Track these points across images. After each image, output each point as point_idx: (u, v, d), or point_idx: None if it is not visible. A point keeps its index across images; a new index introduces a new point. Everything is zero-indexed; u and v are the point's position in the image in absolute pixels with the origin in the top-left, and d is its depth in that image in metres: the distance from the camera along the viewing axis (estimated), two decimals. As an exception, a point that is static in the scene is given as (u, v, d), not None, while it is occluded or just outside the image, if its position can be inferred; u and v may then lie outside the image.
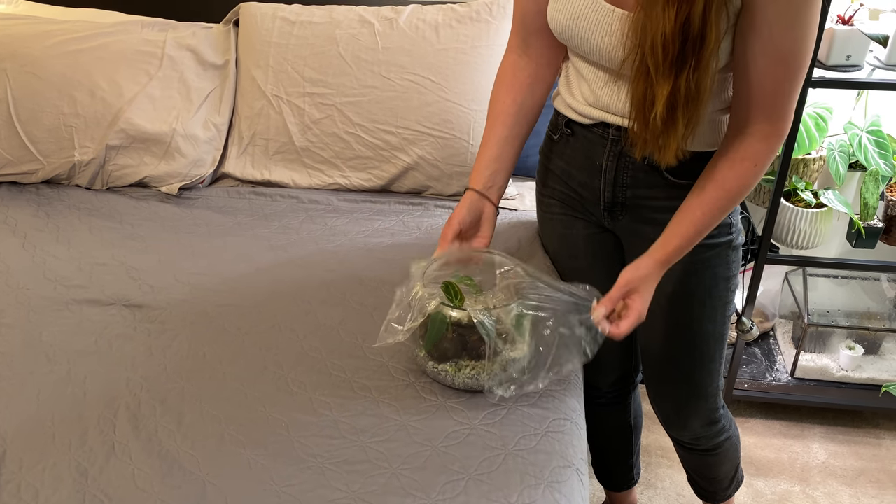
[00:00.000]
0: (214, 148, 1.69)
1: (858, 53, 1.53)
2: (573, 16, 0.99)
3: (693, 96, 0.90)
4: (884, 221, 1.74)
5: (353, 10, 1.70)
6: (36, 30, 1.71)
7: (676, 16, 0.84)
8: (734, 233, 1.15)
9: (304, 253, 1.44)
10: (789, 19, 0.88)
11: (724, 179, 0.99)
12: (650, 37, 0.87)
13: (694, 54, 0.87)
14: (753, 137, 0.97)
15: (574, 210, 1.23)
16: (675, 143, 0.94)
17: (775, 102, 0.95)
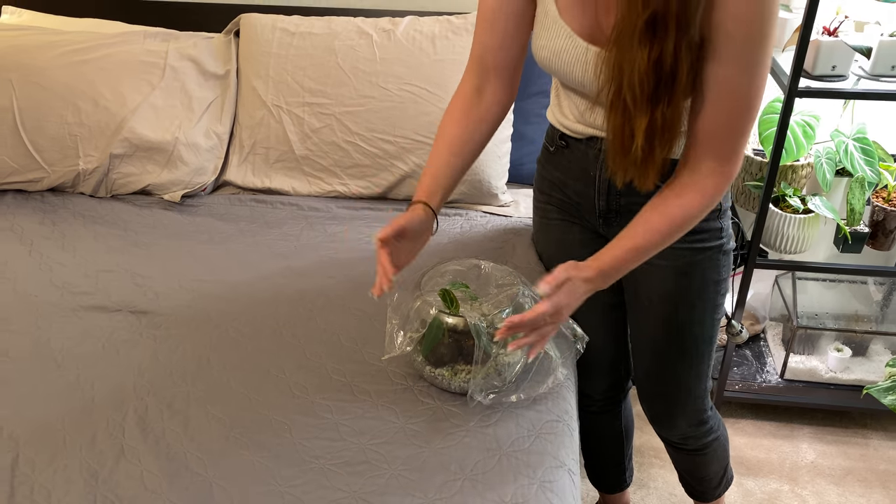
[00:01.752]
0: (216, 156, 1.73)
1: (843, 64, 1.58)
2: (555, 52, 1.04)
3: (668, 127, 0.94)
4: (870, 227, 1.79)
5: (351, 21, 1.74)
6: (41, 40, 1.74)
7: (649, 55, 0.89)
8: (724, 238, 1.19)
9: (304, 260, 1.48)
10: (744, 62, 0.92)
11: (669, 210, 1.02)
12: (627, 75, 0.92)
13: (667, 90, 0.92)
14: (701, 174, 1.00)
15: (570, 216, 1.27)
16: (654, 171, 0.99)
17: (725, 141, 0.98)
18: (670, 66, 0.90)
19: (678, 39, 0.89)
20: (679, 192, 1.02)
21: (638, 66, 0.90)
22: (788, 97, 1.55)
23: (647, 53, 0.89)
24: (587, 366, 1.34)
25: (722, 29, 0.91)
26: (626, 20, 0.89)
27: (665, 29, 0.88)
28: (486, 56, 1.12)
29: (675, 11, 0.87)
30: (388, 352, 1.12)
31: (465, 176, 1.63)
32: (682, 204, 1.02)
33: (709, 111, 0.97)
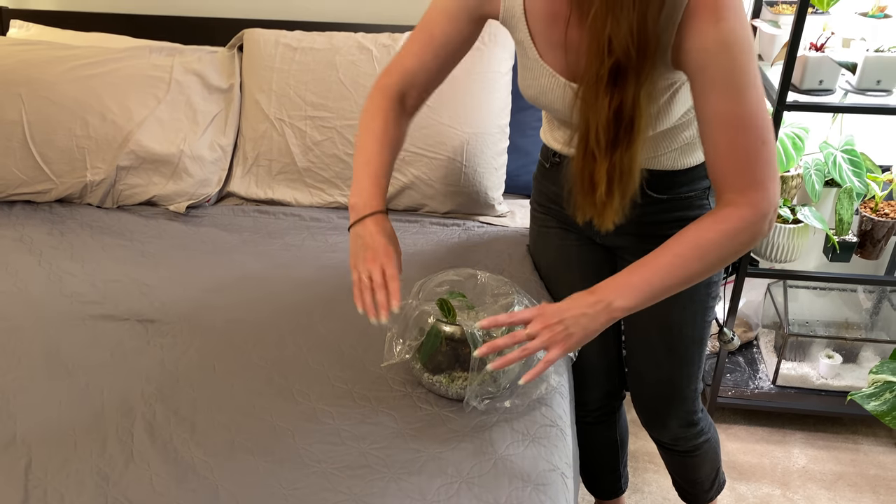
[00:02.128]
0: (220, 168, 1.77)
1: (830, 78, 1.62)
2: (541, 90, 1.10)
3: (626, 172, 0.97)
4: (858, 236, 1.83)
5: (352, 37, 1.78)
6: (50, 55, 1.79)
7: (610, 104, 0.93)
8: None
9: (305, 269, 1.52)
10: (727, 91, 0.93)
11: (690, 236, 0.99)
12: (592, 123, 0.96)
13: (626, 136, 0.95)
14: (725, 205, 0.98)
15: (568, 226, 1.32)
16: (612, 214, 1.02)
17: (739, 168, 0.95)
18: (629, 115, 0.94)
19: (637, 89, 0.92)
20: (704, 224, 0.99)
21: (600, 115, 0.94)
22: (777, 111, 1.60)
23: (608, 102, 0.93)
24: (582, 376, 1.38)
25: (694, 63, 0.94)
26: (591, 70, 0.93)
27: (625, 79, 0.91)
28: (418, 77, 1.15)
29: (634, 62, 0.90)
30: (387, 359, 1.16)
31: (462, 187, 1.69)
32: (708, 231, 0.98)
33: (711, 144, 0.97)
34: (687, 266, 0.99)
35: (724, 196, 0.98)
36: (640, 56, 0.90)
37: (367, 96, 1.20)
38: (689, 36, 0.93)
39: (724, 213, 0.98)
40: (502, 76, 1.73)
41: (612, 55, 0.90)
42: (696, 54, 0.93)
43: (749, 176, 0.96)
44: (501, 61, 1.74)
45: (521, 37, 1.09)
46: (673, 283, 1.00)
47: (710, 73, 0.93)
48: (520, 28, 1.08)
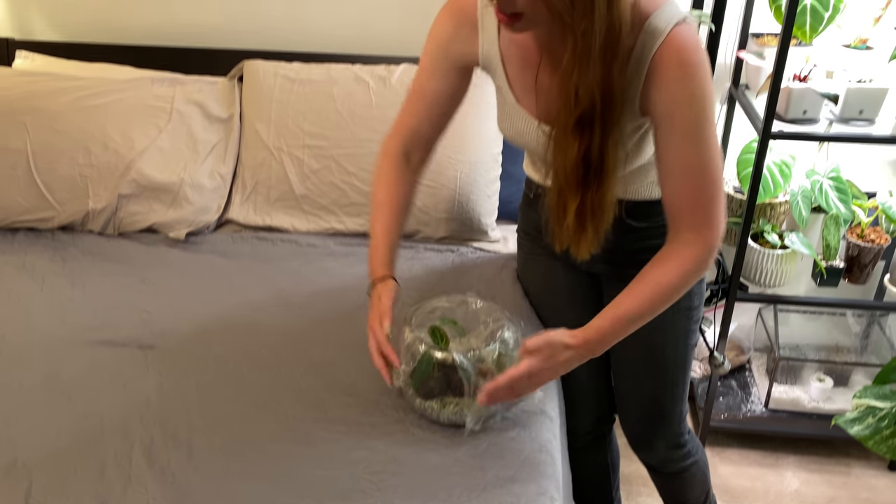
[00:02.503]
0: (219, 196, 1.81)
1: (814, 108, 1.67)
2: (518, 132, 1.16)
3: (598, 209, 1.03)
4: (845, 262, 1.86)
5: (349, 68, 1.83)
6: (54, 86, 1.84)
7: (578, 148, 0.98)
8: (696, 297, 1.29)
9: (302, 295, 1.55)
10: (688, 138, 1.00)
11: (652, 279, 1.08)
12: (561, 163, 1.01)
13: (596, 178, 1.01)
14: (681, 243, 1.07)
15: (551, 252, 1.35)
16: (587, 245, 1.07)
17: (693, 212, 1.04)
18: (597, 159, 0.99)
19: (603, 136, 0.98)
20: (660, 262, 1.08)
21: (569, 157, 0.99)
22: (762, 140, 1.64)
23: (576, 147, 0.98)
24: (572, 400, 1.41)
25: (661, 112, 1.00)
26: (561, 117, 0.99)
27: (592, 127, 0.97)
28: (420, 131, 1.24)
29: (600, 112, 0.96)
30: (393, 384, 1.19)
31: (456, 214, 1.73)
32: (663, 273, 1.07)
33: (670, 186, 1.05)
34: (652, 308, 1.09)
35: (681, 233, 1.06)
36: (605, 106, 0.96)
37: (376, 161, 1.28)
38: (655, 88, 0.99)
39: (682, 254, 1.06)
40: (494, 107, 1.77)
41: (578, 105, 0.96)
42: (662, 105, 0.99)
43: (704, 217, 1.04)
44: (494, 92, 1.78)
45: (500, 82, 1.14)
46: (640, 322, 1.11)
47: (674, 123, 1.00)
48: (498, 74, 1.14)
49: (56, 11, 2.14)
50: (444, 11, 1.17)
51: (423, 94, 1.21)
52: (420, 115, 1.23)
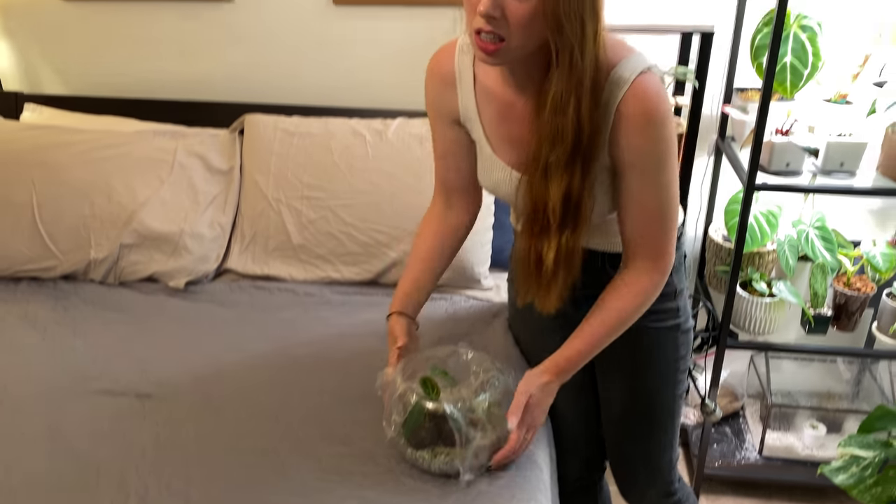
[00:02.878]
0: (219, 245, 1.85)
1: (796, 161, 1.72)
2: (496, 182, 1.20)
3: (570, 252, 1.08)
4: (833, 310, 1.89)
5: (346, 122, 1.89)
6: (61, 139, 1.90)
7: (561, 186, 1.03)
8: (681, 318, 1.31)
9: (298, 344, 1.58)
10: (648, 180, 1.07)
11: (609, 303, 1.16)
12: (537, 205, 1.06)
13: (573, 220, 1.06)
14: (637, 271, 1.15)
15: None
16: (556, 293, 1.12)
17: (650, 244, 1.13)
18: (577, 198, 1.04)
19: (582, 175, 1.03)
20: (618, 291, 1.16)
21: (551, 196, 1.04)
22: (747, 191, 1.69)
23: (557, 186, 1.03)
24: (562, 449, 1.43)
25: (625, 157, 1.06)
26: (541, 158, 1.04)
27: (573, 166, 1.02)
28: (448, 180, 1.31)
29: (581, 153, 1.01)
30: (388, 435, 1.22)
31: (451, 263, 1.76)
32: (622, 302, 1.16)
33: (629, 221, 1.12)
34: (612, 333, 1.18)
35: (636, 262, 1.15)
36: (586, 144, 1.01)
37: None
38: (621, 135, 1.04)
39: (639, 282, 1.15)
40: (488, 158, 1.83)
41: (562, 144, 1.01)
42: (626, 152, 1.05)
43: (659, 247, 1.13)
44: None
45: (477, 135, 1.20)
46: (603, 345, 1.19)
47: (637, 168, 1.07)
48: (475, 128, 1.19)
49: (64, 66, 2.22)
50: (427, 72, 1.25)
51: (437, 150, 1.30)
52: (441, 169, 1.31)
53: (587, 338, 1.17)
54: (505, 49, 0.97)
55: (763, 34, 1.71)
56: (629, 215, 1.12)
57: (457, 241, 1.36)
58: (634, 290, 1.15)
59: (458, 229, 1.35)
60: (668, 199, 1.10)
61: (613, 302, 1.17)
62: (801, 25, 1.68)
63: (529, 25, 0.94)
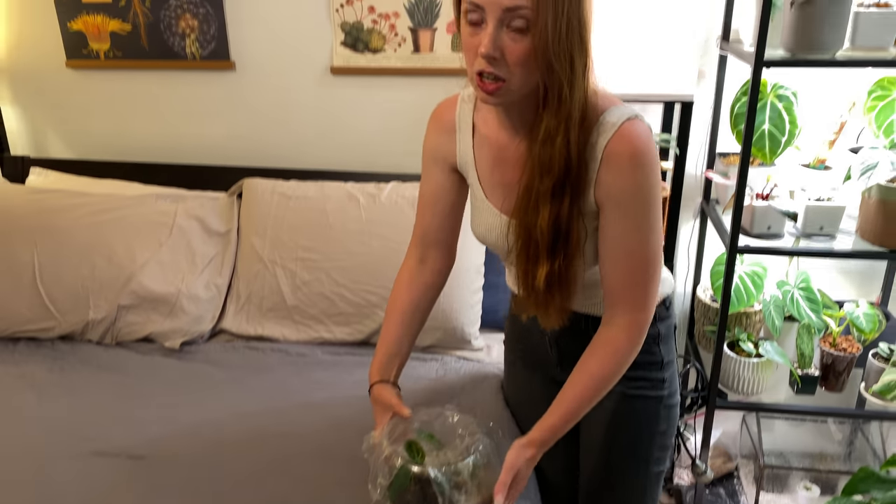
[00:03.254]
0: (214, 306, 1.89)
1: (777, 224, 1.76)
2: (487, 228, 1.23)
3: (565, 278, 1.10)
4: (821, 370, 1.91)
5: (342, 186, 1.95)
6: (64, 203, 1.95)
7: (550, 213, 1.07)
8: (666, 390, 1.28)
9: (290, 405, 1.59)
10: (631, 223, 1.08)
11: (588, 365, 1.15)
12: (532, 230, 1.09)
13: (564, 246, 1.09)
14: (616, 327, 1.13)
15: (532, 366, 1.41)
16: (555, 313, 1.15)
17: (632, 293, 1.12)
18: (566, 225, 1.07)
19: (571, 205, 1.07)
20: (597, 352, 1.15)
21: (540, 224, 1.07)
22: (730, 254, 1.73)
23: (547, 213, 1.07)
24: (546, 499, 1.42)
25: (610, 199, 1.08)
26: (531, 189, 1.07)
27: (562, 194, 1.06)
28: (428, 233, 1.32)
29: (571, 183, 1.05)
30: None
31: (441, 323, 1.80)
32: (600, 364, 1.14)
33: (610, 268, 1.12)
34: (593, 397, 1.16)
35: (616, 317, 1.13)
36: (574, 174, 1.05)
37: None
38: (608, 177, 1.06)
39: (618, 340, 1.14)
40: (478, 221, 1.88)
41: (550, 173, 1.05)
42: (611, 194, 1.07)
43: (640, 298, 1.12)
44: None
45: (472, 180, 1.24)
46: (586, 409, 1.17)
47: (620, 210, 1.08)
48: (470, 173, 1.23)
49: (69, 130, 2.30)
50: (429, 120, 1.30)
51: (424, 198, 1.31)
52: (425, 217, 1.32)
53: (568, 404, 1.16)
54: (505, 89, 1.02)
55: (741, 103, 1.78)
56: (610, 259, 1.11)
57: (428, 302, 1.36)
58: (611, 348, 1.14)
59: (430, 288, 1.35)
60: (649, 246, 1.09)
61: (591, 364, 1.15)
62: (778, 95, 1.75)
63: (526, 64, 0.99)
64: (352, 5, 2.00)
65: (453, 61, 2.01)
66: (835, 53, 1.60)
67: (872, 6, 1.60)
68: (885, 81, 1.71)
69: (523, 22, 0.96)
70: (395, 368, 1.31)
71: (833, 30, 1.58)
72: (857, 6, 1.60)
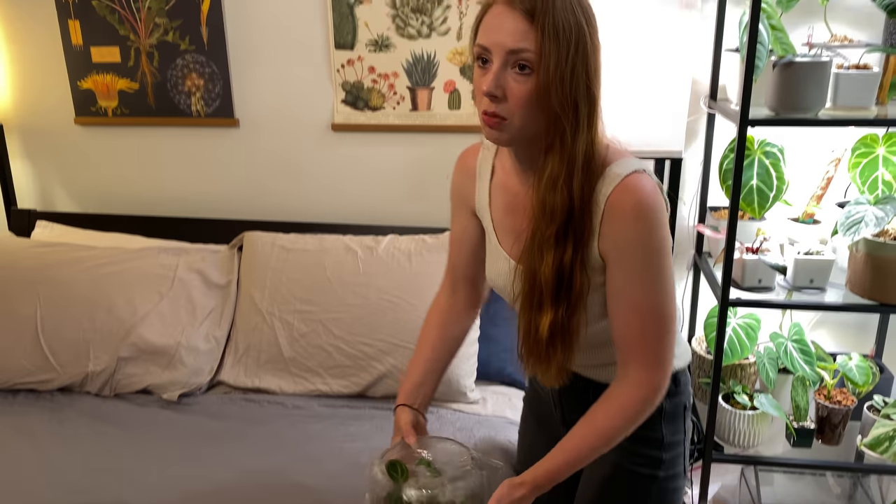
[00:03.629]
0: (213, 358, 1.91)
1: (768, 277, 1.79)
2: (498, 273, 1.23)
3: (567, 329, 1.09)
4: (816, 423, 1.91)
5: (340, 239, 1.99)
6: (68, 256, 2.00)
7: (553, 259, 1.07)
8: (663, 471, 1.21)
9: (286, 458, 1.60)
10: (637, 276, 1.05)
11: (594, 417, 1.10)
12: (537, 278, 1.09)
13: (567, 294, 1.08)
14: (628, 384, 1.09)
15: (541, 425, 1.40)
16: (556, 369, 1.13)
17: (644, 351, 1.07)
18: (569, 273, 1.07)
19: (574, 252, 1.06)
20: (606, 409, 1.10)
21: (544, 269, 1.07)
22: (722, 307, 1.75)
23: (550, 258, 1.07)
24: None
25: (614, 251, 1.06)
26: (536, 234, 1.08)
27: (565, 240, 1.06)
28: (457, 268, 1.35)
29: (574, 230, 1.06)
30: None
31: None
32: (608, 418, 1.09)
33: (620, 324, 1.08)
34: (595, 450, 1.11)
35: (629, 374, 1.10)
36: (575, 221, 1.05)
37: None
38: (610, 227, 1.04)
39: (630, 396, 1.09)
40: (473, 274, 1.92)
41: (553, 219, 1.05)
42: (615, 245, 1.05)
43: (653, 356, 1.08)
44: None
45: (487, 224, 1.26)
46: (587, 461, 1.13)
47: (625, 262, 1.05)
48: (486, 217, 1.25)
49: (75, 184, 2.36)
50: (455, 165, 1.33)
51: (452, 235, 1.35)
52: (453, 254, 1.35)
53: (568, 453, 1.12)
54: (508, 126, 1.03)
55: (729, 160, 1.83)
56: (618, 315, 1.08)
57: (461, 332, 1.37)
58: (619, 403, 1.09)
59: (462, 319, 1.36)
60: (660, 299, 1.06)
61: (597, 416, 1.11)
62: (765, 151, 1.80)
63: (528, 105, 1.00)
64: (353, 66, 2.07)
65: (449, 119, 2.07)
66: (817, 112, 1.66)
67: (852, 68, 1.66)
68: (867, 139, 1.76)
69: (527, 64, 0.98)
70: (420, 397, 1.30)
71: (815, 90, 1.64)
72: (837, 68, 1.66)
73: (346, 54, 2.06)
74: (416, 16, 2.00)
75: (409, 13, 2.00)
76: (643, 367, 1.09)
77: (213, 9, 2.09)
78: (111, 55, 2.18)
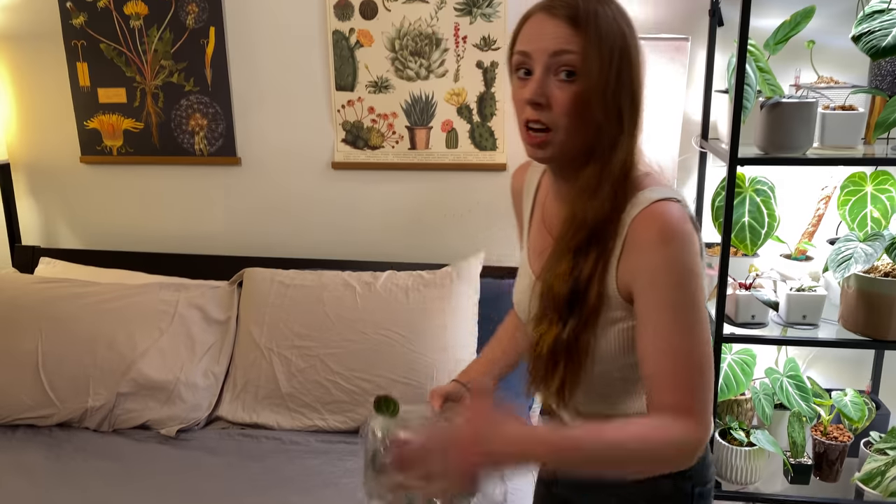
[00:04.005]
0: (211, 394, 1.92)
1: (761, 313, 1.81)
2: (522, 290, 1.19)
3: (574, 347, 1.03)
4: (814, 459, 1.91)
5: (338, 275, 2.02)
6: (70, 292, 2.02)
7: (570, 267, 1.02)
8: None
9: (283, 494, 1.60)
10: (663, 310, 0.94)
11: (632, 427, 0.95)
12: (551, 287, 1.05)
13: (578, 311, 1.02)
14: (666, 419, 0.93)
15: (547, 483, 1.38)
16: (555, 385, 1.06)
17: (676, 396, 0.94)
18: (584, 287, 1.01)
19: (594, 265, 1.01)
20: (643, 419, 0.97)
21: (559, 279, 1.03)
22: (716, 343, 1.77)
23: (567, 266, 1.03)
24: None
25: (639, 281, 0.97)
26: (559, 243, 1.05)
27: (586, 253, 1.02)
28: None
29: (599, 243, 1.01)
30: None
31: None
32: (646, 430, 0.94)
33: (650, 366, 0.96)
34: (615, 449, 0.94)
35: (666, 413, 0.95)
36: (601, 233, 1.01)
37: None
38: (633, 254, 0.97)
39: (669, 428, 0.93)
40: (469, 308, 1.94)
41: (583, 227, 1.01)
42: (640, 274, 0.97)
43: (688, 405, 0.94)
44: (468, 295, 1.95)
45: (524, 241, 1.25)
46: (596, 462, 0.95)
47: (651, 293, 0.96)
48: (525, 234, 1.25)
49: (79, 221, 2.40)
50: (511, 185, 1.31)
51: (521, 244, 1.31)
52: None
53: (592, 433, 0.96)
54: (552, 140, 1.00)
55: (721, 197, 1.86)
56: (647, 358, 0.96)
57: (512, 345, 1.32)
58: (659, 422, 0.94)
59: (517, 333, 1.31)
60: (692, 340, 0.94)
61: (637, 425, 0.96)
62: (756, 189, 1.83)
63: (573, 112, 0.97)
64: (353, 106, 2.13)
65: (447, 157, 2.12)
66: (805, 151, 1.70)
67: (838, 109, 1.71)
68: (855, 177, 1.80)
69: (571, 68, 0.95)
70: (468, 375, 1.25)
71: (802, 130, 1.68)
72: (823, 109, 1.70)
73: (346, 95, 2.12)
74: (414, 59, 2.06)
75: (407, 56, 2.07)
76: (680, 417, 0.93)
77: (217, 51, 2.15)
78: (118, 96, 2.23)
